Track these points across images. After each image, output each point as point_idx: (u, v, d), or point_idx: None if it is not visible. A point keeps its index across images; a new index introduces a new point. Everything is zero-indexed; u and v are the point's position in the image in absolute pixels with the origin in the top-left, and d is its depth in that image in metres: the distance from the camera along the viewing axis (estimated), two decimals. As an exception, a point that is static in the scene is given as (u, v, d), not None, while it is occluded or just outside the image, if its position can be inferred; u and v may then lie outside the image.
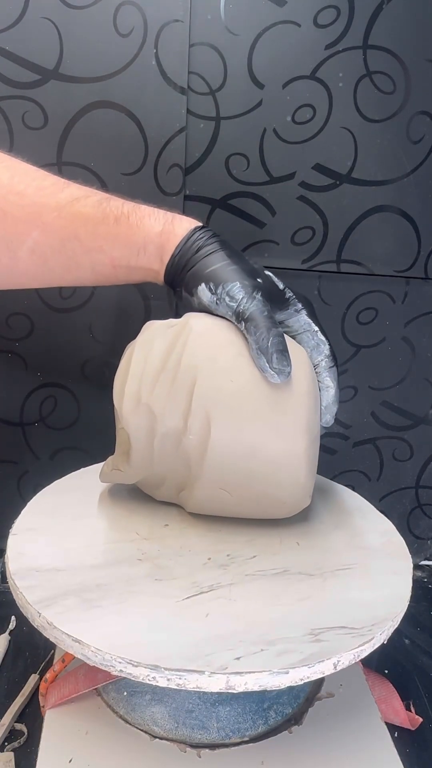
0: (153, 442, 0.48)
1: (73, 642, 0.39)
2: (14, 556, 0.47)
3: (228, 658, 0.38)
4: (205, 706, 0.49)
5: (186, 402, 0.47)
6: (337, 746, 0.48)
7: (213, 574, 0.46)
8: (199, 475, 0.48)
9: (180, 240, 0.49)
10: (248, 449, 0.47)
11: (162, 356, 0.49)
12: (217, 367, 0.48)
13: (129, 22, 0.63)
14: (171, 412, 0.48)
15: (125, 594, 0.43)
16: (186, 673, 0.37)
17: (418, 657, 0.70)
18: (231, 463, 0.48)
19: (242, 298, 0.48)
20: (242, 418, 0.47)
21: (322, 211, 0.71)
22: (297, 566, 0.48)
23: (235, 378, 0.48)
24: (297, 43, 0.65)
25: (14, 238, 0.49)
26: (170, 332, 0.50)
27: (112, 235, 0.48)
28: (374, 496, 0.84)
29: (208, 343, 0.49)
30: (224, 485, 0.49)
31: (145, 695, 0.50)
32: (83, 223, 0.48)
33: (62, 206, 0.48)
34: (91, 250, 0.49)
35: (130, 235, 0.49)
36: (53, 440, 0.78)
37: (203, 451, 0.47)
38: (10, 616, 0.71)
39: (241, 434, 0.47)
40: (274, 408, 0.48)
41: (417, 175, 0.70)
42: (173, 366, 0.48)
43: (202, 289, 0.49)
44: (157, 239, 0.49)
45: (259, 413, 0.48)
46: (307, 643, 0.40)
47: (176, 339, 0.49)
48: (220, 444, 0.47)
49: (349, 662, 0.40)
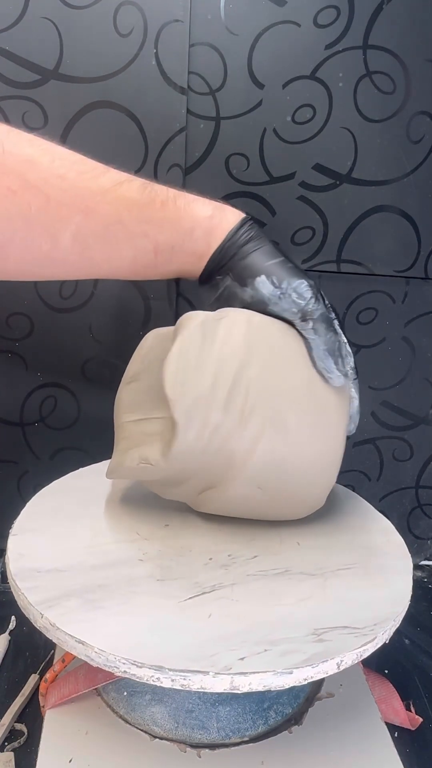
0: (204, 435, 0.46)
1: (77, 643, 0.39)
2: (15, 557, 0.47)
3: (232, 658, 0.38)
4: (205, 706, 0.49)
5: (242, 397, 0.46)
6: (337, 746, 0.48)
7: (214, 575, 0.46)
8: (241, 473, 0.47)
9: (232, 227, 0.48)
10: (296, 449, 0.47)
11: (218, 348, 0.46)
12: (273, 365, 0.47)
13: (129, 22, 0.63)
14: (226, 407, 0.45)
15: (127, 595, 0.43)
16: (190, 673, 0.37)
17: (418, 657, 0.70)
18: (277, 462, 0.47)
19: (311, 298, 0.48)
20: (294, 418, 0.47)
21: (322, 211, 0.71)
22: (298, 566, 0.48)
23: (290, 378, 0.47)
24: (297, 43, 0.65)
25: (56, 223, 0.46)
26: (223, 325, 0.47)
27: (158, 219, 0.47)
28: (374, 496, 0.84)
29: (265, 340, 0.47)
30: (262, 484, 0.48)
31: (145, 695, 0.50)
32: (128, 207, 0.46)
33: (106, 190, 0.46)
34: (136, 236, 0.47)
35: (177, 219, 0.47)
36: (53, 440, 0.78)
37: (252, 449, 0.46)
38: (10, 616, 0.71)
39: (290, 435, 0.47)
40: (323, 410, 0.49)
41: (417, 175, 0.70)
42: (229, 360, 0.46)
43: (262, 281, 0.48)
44: (206, 223, 0.48)
45: (309, 414, 0.48)
46: (310, 643, 0.40)
47: (230, 332, 0.47)
48: (270, 443, 0.46)
49: (352, 662, 0.40)
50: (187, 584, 0.45)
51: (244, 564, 0.48)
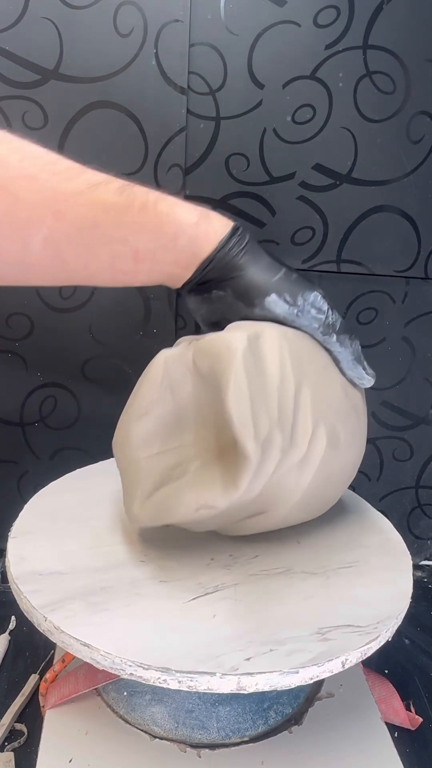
0: (271, 468, 0.42)
1: (82, 646, 0.39)
2: (16, 560, 0.47)
3: (238, 659, 0.38)
4: (205, 706, 0.49)
5: (304, 421, 0.43)
6: (337, 746, 0.48)
7: (217, 575, 0.46)
8: (294, 496, 0.45)
9: (221, 237, 0.44)
10: (343, 460, 0.47)
11: (272, 374, 0.43)
12: (317, 380, 0.45)
13: (129, 22, 0.63)
14: (292, 434, 0.43)
15: (131, 597, 0.43)
16: (197, 675, 0.37)
17: (418, 657, 0.70)
18: (327, 476, 0.46)
19: (328, 309, 0.46)
20: (343, 429, 0.46)
21: (322, 211, 0.71)
22: (299, 565, 0.48)
23: (332, 389, 0.47)
24: (297, 43, 0.65)
25: (26, 225, 0.43)
26: (267, 347, 0.44)
27: (138, 224, 0.43)
28: (374, 496, 0.84)
29: (302, 354, 0.45)
30: (311, 500, 0.46)
31: (145, 695, 0.50)
32: (104, 210, 0.43)
33: (80, 192, 0.43)
34: (112, 241, 0.44)
35: (159, 224, 0.44)
36: (53, 440, 0.78)
37: (310, 471, 0.44)
38: (11, 616, 0.71)
39: (341, 448, 0.46)
40: (358, 414, 0.49)
41: (417, 175, 0.70)
42: (286, 384, 0.43)
43: (273, 301, 0.45)
44: (191, 231, 0.44)
45: (351, 422, 0.48)
46: (315, 642, 0.40)
47: (275, 353, 0.44)
48: (327, 461, 0.45)
49: (356, 660, 0.40)
50: (190, 585, 0.45)
51: (245, 564, 0.48)
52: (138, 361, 0.72)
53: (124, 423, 0.47)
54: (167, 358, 0.46)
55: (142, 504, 0.45)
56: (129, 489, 0.46)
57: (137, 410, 0.46)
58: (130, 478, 0.47)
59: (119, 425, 0.48)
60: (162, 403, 0.46)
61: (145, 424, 0.46)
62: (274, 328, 0.45)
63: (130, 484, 0.46)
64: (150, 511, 0.44)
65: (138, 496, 0.45)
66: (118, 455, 0.48)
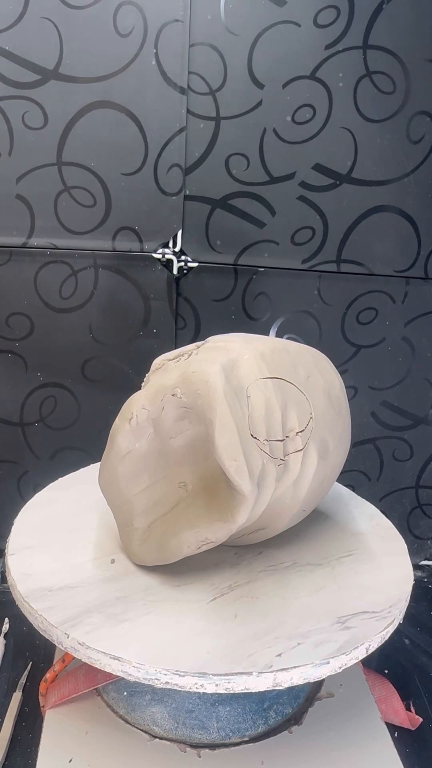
0: (268, 496, 0.42)
1: (112, 660, 0.38)
2: (20, 578, 0.45)
3: (270, 655, 0.39)
4: (205, 706, 0.49)
5: (293, 444, 0.44)
6: (337, 746, 0.49)
7: (227, 574, 0.47)
8: (292, 509, 0.46)
9: None
10: (334, 463, 0.48)
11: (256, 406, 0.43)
12: (299, 397, 0.45)
13: (129, 22, 0.63)
14: (276, 456, 0.43)
15: (149, 604, 0.43)
16: (234, 676, 0.37)
17: (418, 657, 0.70)
18: (320, 483, 0.47)
19: None
20: (331, 438, 0.47)
21: (322, 211, 0.71)
22: (304, 557, 0.49)
23: (316, 397, 0.47)
24: (297, 43, 0.65)
25: None
26: (243, 374, 0.43)
27: None
28: (374, 496, 0.84)
29: (281, 367, 0.45)
30: (306, 507, 0.47)
31: (145, 695, 0.50)
32: None
33: None
34: None
35: None
36: (53, 440, 0.78)
37: (305, 485, 0.45)
38: (5, 618, 0.70)
39: (330, 455, 0.47)
40: (342, 412, 0.50)
41: (417, 175, 0.70)
42: (273, 413, 0.43)
43: None
44: None
45: (337, 425, 0.48)
46: (337, 631, 0.41)
47: (255, 380, 0.43)
48: (319, 472, 0.46)
49: (377, 645, 0.41)
50: (204, 587, 0.45)
51: (252, 560, 0.49)
52: (138, 361, 0.73)
53: (108, 465, 0.47)
54: (140, 401, 0.45)
55: (141, 543, 0.46)
56: (124, 527, 0.47)
57: (119, 452, 0.46)
58: (123, 516, 0.47)
59: (103, 466, 0.47)
60: (143, 439, 0.46)
61: (128, 463, 0.46)
62: (250, 350, 0.44)
63: (123, 522, 0.47)
64: (152, 552, 0.45)
65: (135, 535, 0.46)
66: (108, 495, 0.48)
